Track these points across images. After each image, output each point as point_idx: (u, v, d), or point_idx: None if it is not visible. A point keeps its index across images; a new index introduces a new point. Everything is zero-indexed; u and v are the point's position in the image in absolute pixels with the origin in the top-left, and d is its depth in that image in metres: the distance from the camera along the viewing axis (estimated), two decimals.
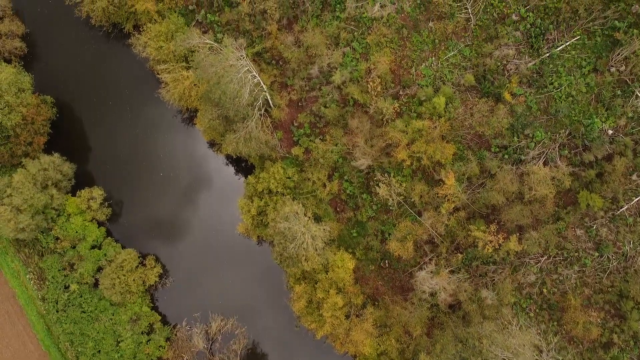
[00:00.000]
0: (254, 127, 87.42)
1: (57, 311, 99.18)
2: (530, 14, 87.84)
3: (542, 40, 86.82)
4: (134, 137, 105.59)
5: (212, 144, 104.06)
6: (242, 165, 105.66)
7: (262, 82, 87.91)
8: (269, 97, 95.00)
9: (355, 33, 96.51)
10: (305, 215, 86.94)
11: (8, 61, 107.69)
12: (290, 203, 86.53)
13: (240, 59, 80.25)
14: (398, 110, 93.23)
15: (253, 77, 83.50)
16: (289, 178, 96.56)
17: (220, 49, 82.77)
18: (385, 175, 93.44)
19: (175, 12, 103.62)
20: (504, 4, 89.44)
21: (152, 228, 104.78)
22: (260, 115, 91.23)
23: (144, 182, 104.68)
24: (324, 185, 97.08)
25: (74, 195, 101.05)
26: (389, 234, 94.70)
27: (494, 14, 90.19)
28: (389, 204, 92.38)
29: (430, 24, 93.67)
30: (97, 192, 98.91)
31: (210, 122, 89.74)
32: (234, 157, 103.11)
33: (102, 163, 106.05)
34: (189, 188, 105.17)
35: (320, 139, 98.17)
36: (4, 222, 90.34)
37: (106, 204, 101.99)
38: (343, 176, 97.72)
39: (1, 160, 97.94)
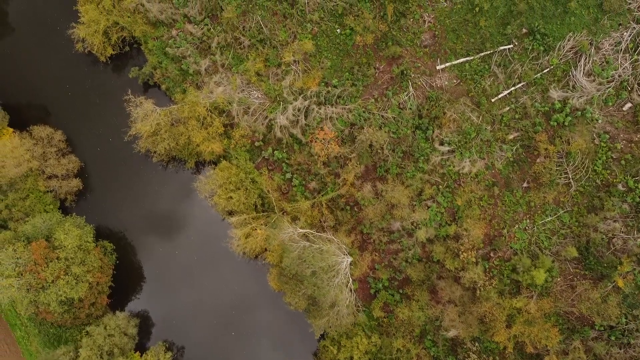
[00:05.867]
0: (344, 312, 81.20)
1: None
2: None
3: None
4: (201, 291, 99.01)
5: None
6: None
7: (350, 258, 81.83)
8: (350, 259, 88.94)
9: (440, 186, 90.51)
10: None
11: (63, 201, 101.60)
12: None
13: (344, 259, 73.94)
14: (489, 275, 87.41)
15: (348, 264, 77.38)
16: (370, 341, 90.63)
17: (315, 238, 76.53)
18: (476, 344, 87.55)
19: (243, 150, 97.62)
20: (608, 171, 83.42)
21: None
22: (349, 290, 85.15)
23: (211, 338, 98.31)
24: (408, 351, 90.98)
25: (136, 349, 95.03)
26: None
27: (598, 181, 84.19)
28: None
29: (525, 184, 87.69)
30: (164, 356, 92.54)
31: (294, 300, 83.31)
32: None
33: (165, 314, 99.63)
34: (258, 346, 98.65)
35: (399, 293, 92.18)
36: None
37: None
38: (426, 334, 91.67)
39: (63, 324, 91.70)
